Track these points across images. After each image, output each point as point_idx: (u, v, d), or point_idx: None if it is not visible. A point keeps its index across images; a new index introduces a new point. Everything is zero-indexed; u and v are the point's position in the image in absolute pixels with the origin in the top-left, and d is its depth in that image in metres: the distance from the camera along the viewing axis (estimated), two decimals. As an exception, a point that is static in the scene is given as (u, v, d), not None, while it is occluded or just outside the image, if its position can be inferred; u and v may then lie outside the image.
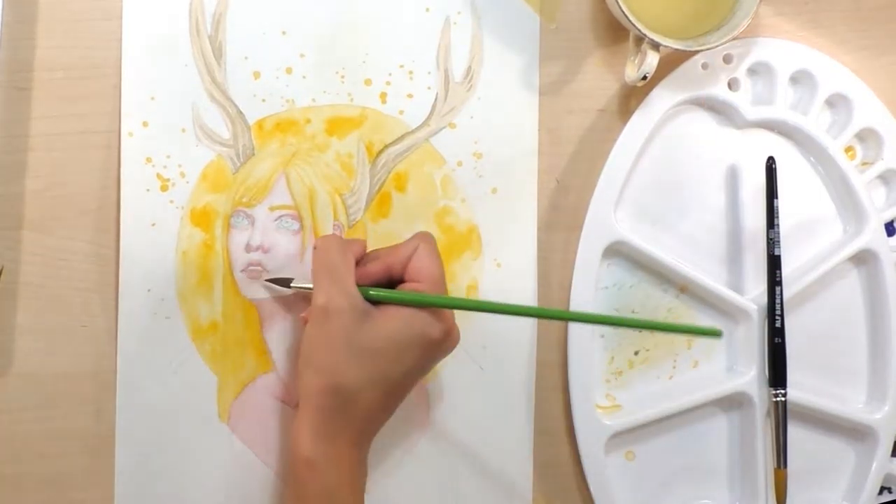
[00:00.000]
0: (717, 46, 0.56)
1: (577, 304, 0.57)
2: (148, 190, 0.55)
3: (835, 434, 0.61)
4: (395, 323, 0.49)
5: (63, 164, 0.54)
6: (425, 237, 0.52)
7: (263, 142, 0.56)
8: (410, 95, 0.57)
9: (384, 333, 0.48)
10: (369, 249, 0.54)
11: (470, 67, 0.58)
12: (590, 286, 0.58)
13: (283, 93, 0.56)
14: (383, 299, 0.50)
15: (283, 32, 0.56)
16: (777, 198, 0.58)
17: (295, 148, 0.56)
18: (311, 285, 0.52)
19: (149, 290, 0.55)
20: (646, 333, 0.60)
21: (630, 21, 0.54)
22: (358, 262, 0.51)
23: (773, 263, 0.58)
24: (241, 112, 0.56)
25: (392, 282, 0.51)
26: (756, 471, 0.59)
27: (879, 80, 0.61)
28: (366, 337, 0.48)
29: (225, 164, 0.55)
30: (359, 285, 0.49)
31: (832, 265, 0.59)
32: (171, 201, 0.55)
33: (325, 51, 0.57)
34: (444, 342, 0.50)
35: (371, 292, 0.50)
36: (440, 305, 0.50)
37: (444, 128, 0.58)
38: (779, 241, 0.58)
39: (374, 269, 0.51)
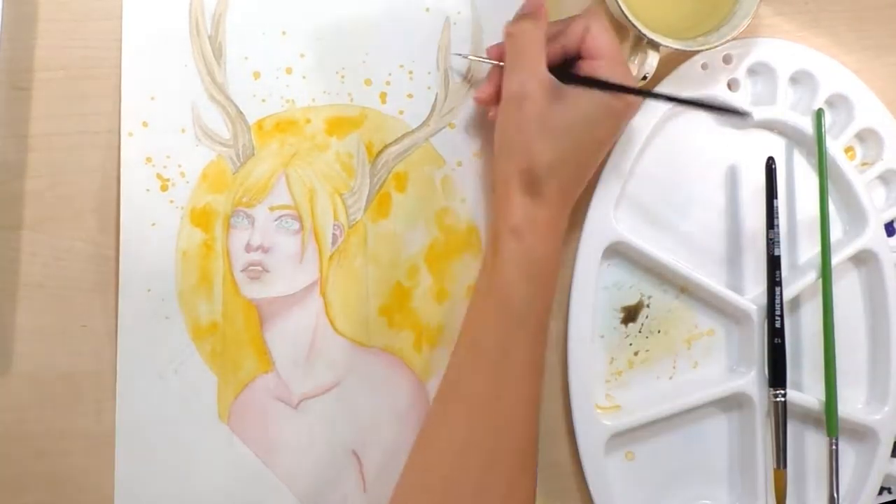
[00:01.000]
0: (717, 46, 0.56)
1: (577, 304, 0.57)
2: (148, 190, 0.55)
3: (835, 434, 0.61)
4: (584, 100, 0.51)
5: (63, 164, 0.54)
6: (596, 15, 0.53)
7: (263, 142, 0.56)
8: (410, 95, 0.57)
9: (574, 111, 0.51)
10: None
11: (470, 67, 0.58)
12: (590, 286, 0.57)
13: (283, 93, 0.56)
14: (575, 84, 0.52)
15: (283, 32, 0.56)
16: (777, 198, 0.59)
17: (295, 148, 0.56)
18: (496, 62, 0.55)
19: (149, 290, 0.55)
20: (645, 334, 0.60)
21: (630, 21, 0.54)
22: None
23: (773, 264, 0.58)
24: (241, 112, 0.56)
25: (567, 59, 0.53)
26: (756, 471, 0.59)
27: (879, 80, 0.61)
28: (558, 117, 0.50)
29: (225, 164, 0.56)
30: None
31: (832, 265, 0.59)
32: (171, 201, 0.55)
33: (325, 51, 0.57)
34: (627, 111, 0.53)
35: (564, 81, 0.52)
36: (626, 91, 0.51)
37: (443, 128, 0.58)
38: (779, 242, 0.58)
39: (552, 50, 0.53)
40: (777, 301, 0.58)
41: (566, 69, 0.53)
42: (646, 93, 0.54)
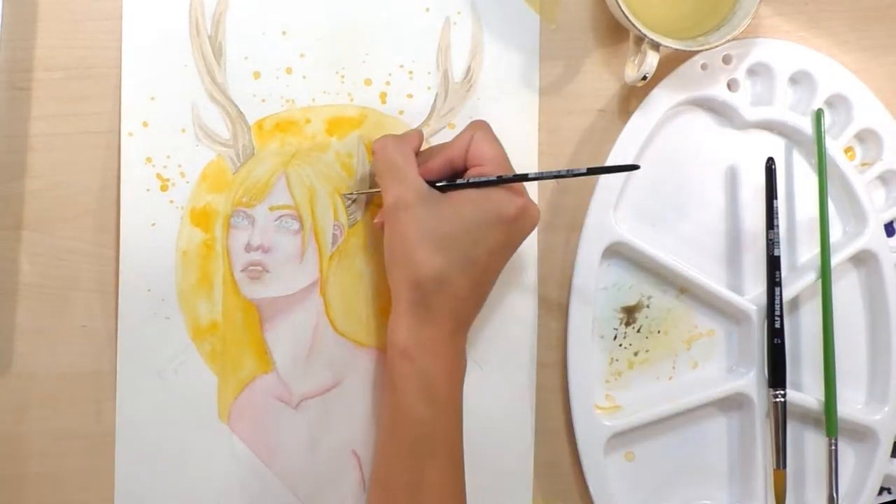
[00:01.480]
0: (717, 46, 0.56)
1: (577, 304, 0.58)
2: (148, 190, 0.55)
3: (834, 434, 0.62)
4: (467, 206, 0.49)
5: (63, 164, 0.54)
6: (479, 124, 0.53)
7: (263, 142, 0.56)
8: (410, 95, 0.57)
9: (458, 217, 0.49)
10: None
11: (470, 67, 0.58)
12: (589, 286, 0.58)
13: (283, 93, 0.56)
14: (452, 189, 0.51)
15: (283, 32, 0.56)
16: (776, 198, 0.59)
17: (295, 148, 0.56)
18: (378, 189, 0.53)
19: (149, 290, 0.55)
20: (645, 334, 0.60)
21: (630, 21, 0.54)
22: (417, 155, 0.52)
23: (773, 264, 0.58)
24: (241, 112, 0.56)
25: (455, 173, 0.52)
26: (755, 471, 0.59)
27: (879, 80, 0.61)
28: (440, 225, 0.49)
29: (225, 164, 0.55)
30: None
31: (832, 266, 0.59)
32: (171, 201, 0.55)
33: (325, 51, 0.57)
34: (521, 218, 0.51)
35: (438, 185, 0.51)
36: (504, 182, 0.50)
37: (443, 128, 0.58)
38: (778, 242, 0.59)
39: (436, 164, 0.52)
40: (777, 301, 0.58)
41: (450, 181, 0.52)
42: (521, 177, 0.51)
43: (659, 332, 0.60)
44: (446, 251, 0.48)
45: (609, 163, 0.58)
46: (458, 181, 0.51)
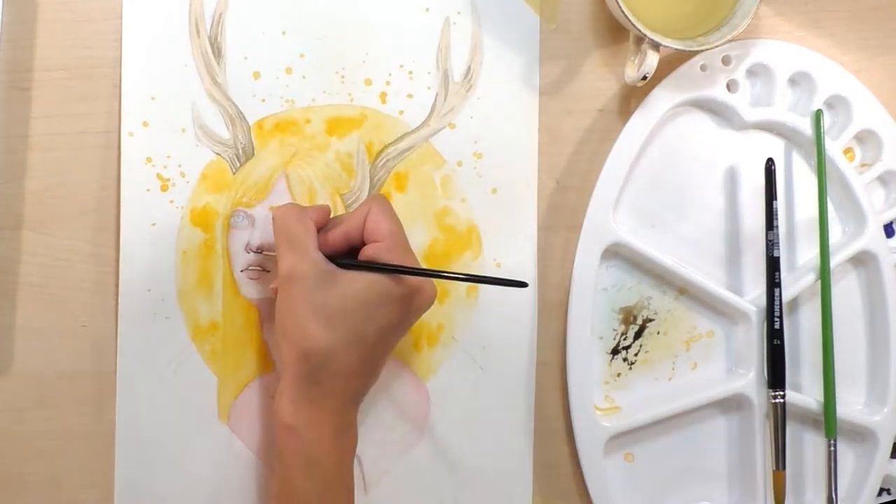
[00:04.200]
0: (717, 46, 0.56)
1: (576, 305, 0.58)
2: (148, 190, 0.55)
3: (833, 435, 0.62)
4: (360, 283, 0.48)
5: (63, 164, 0.54)
6: (377, 199, 0.52)
7: (263, 142, 0.56)
8: (410, 95, 0.57)
9: (349, 294, 0.48)
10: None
11: (470, 67, 0.58)
12: (589, 287, 0.58)
13: (283, 93, 0.56)
14: (348, 268, 0.50)
15: (283, 32, 0.56)
16: (776, 199, 0.59)
17: (295, 148, 0.56)
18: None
19: (149, 290, 0.55)
20: (644, 335, 0.60)
21: (630, 21, 0.54)
22: (320, 229, 0.51)
23: (773, 265, 0.58)
24: (240, 112, 0.56)
25: (352, 246, 0.51)
26: (755, 472, 0.59)
27: (879, 81, 0.61)
28: (333, 301, 0.48)
29: (225, 165, 0.56)
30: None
31: (831, 266, 0.59)
32: (171, 201, 0.55)
33: (325, 51, 0.57)
34: (414, 298, 0.50)
35: (336, 262, 0.50)
36: (391, 272, 0.49)
37: (443, 128, 0.58)
38: (778, 243, 0.59)
39: (334, 237, 0.51)
40: (776, 302, 0.58)
41: (347, 256, 0.51)
42: (413, 270, 0.50)
43: (658, 333, 0.60)
44: (336, 326, 0.48)
45: (608, 163, 0.58)
46: (355, 262, 0.50)
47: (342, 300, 0.48)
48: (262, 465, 0.56)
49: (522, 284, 0.49)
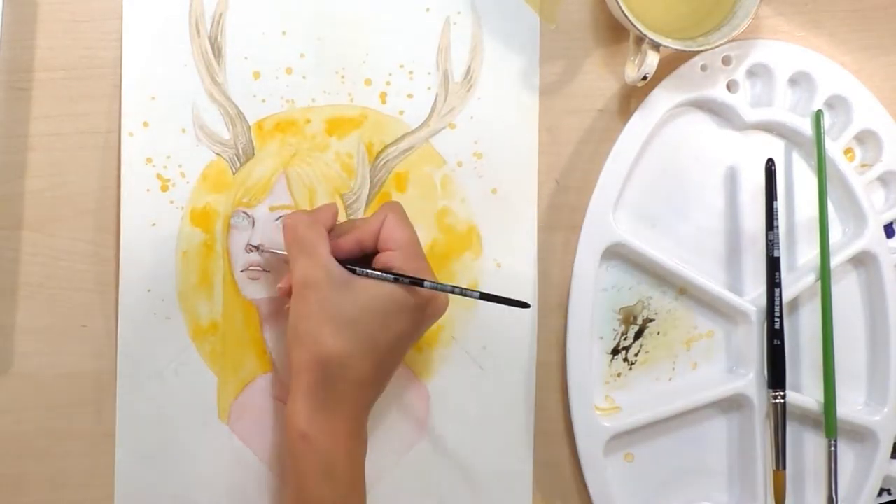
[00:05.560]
0: (717, 46, 0.56)
1: (576, 305, 0.58)
2: (148, 190, 0.55)
3: (833, 435, 0.62)
4: (375, 290, 0.48)
5: (63, 164, 0.54)
6: (393, 207, 0.52)
7: (263, 142, 0.56)
8: (410, 95, 0.57)
9: (364, 302, 0.48)
10: None
11: (470, 67, 0.58)
12: (589, 288, 0.58)
13: (283, 93, 0.56)
14: (363, 275, 0.50)
15: (283, 32, 0.56)
16: (776, 199, 0.59)
17: (295, 148, 0.56)
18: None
19: (149, 290, 0.55)
20: (644, 335, 0.60)
21: (630, 21, 0.54)
22: (331, 231, 0.51)
23: (773, 265, 0.58)
24: (241, 112, 0.56)
25: (365, 253, 0.51)
26: (755, 472, 0.59)
27: (879, 81, 0.61)
28: (347, 307, 0.48)
29: (225, 165, 0.56)
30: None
31: (831, 267, 0.59)
32: (172, 201, 0.55)
33: (325, 51, 0.57)
34: (428, 307, 0.50)
35: (349, 267, 0.50)
36: (409, 283, 0.49)
37: (444, 128, 0.58)
38: (778, 243, 0.59)
39: (347, 243, 0.51)
40: (776, 302, 0.58)
41: (359, 262, 0.50)
42: (425, 283, 0.49)
43: (658, 333, 0.60)
44: (352, 334, 0.48)
45: (608, 163, 0.58)
46: (370, 271, 0.50)
47: (357, 308, 0.48)
48: (262, 465, 0.56)
49: (525, 305, 0.49)
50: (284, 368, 0.56)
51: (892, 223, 0.62)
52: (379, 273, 0.49)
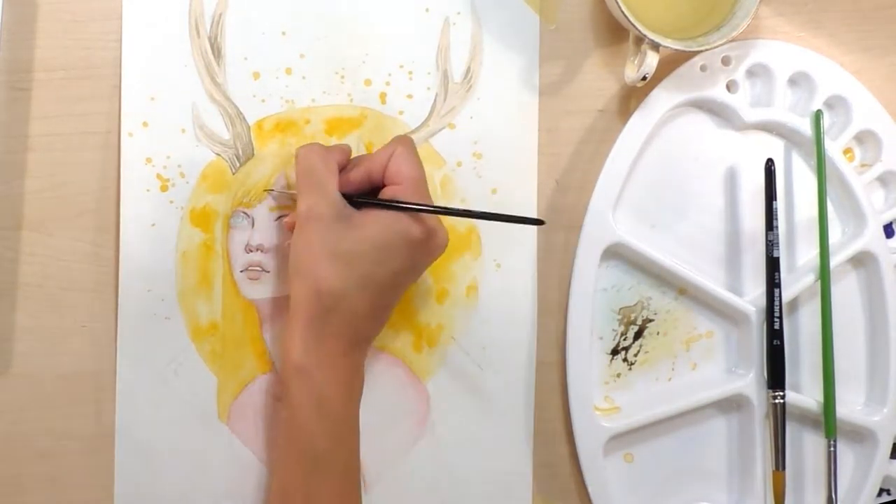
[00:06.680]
0: (717, 47, 0.56)
1: (576, 305, 0.58)
2: (148, 190, 0.55)
3: (833, 436, 0.62)
4: (377, 225, 0.49)
5: (63, 164, 0.54)
6: (403, 140, 0.52)
7: (263, 142, 0.56)
8: (410, 96, 0.57)
9: (366, 236, 0.49)
10: None
11: (469, 68, 0.58)
12: (588, 287, 0.58)
13: (283, 93, 0.56)
14: (364, 205, 0.50)
15: (283, 32, 0.56)
16: (776, 200, 0.59)
17: (295, 148, 0.56)
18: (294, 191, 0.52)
19: (149, 290, 0.55)
20: (644, 335, 0.60)
21: (630, 21, 0.54)
22: (342, 170, 0.51)
23: (772, 265, 0.58)
24: (240, 112, 0.56)
25: (373, 186, 0.52)
26: (755, 473, 0.59)
27: (878, 81, 0.61)
28: (348, 240, 0.48)
29: (225, 165, 0.56)
30: (341, 192, 0.50)
31: (831, 267, 0.59)
32: (171, 201, 0.55)
33: (325, 51, 0.57)
34: (429, 242, 0.51)
35: (353, 199, 0.50)
36: (414, 210, 0.49)
37: (443, 128, 0.58)
38: (778, 243, 0.59)
39: (356, 175, 0.51)
40: (776, 303, 0.58)
41: (367, 195, 0.51)
42: (433, 209, 0.50)
43: (658, 333, 0.60)
44: (349, 268, 0.48)
45: (608, 163, 0.58)
46: (372, 199, 0.50)
47: (357, 242, 0.48)
48: (261, 465, 0.56)
49: (539, 222, 0.50)
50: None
51: (891, 223, 0.62)
52: (379, 200, 0.50)
